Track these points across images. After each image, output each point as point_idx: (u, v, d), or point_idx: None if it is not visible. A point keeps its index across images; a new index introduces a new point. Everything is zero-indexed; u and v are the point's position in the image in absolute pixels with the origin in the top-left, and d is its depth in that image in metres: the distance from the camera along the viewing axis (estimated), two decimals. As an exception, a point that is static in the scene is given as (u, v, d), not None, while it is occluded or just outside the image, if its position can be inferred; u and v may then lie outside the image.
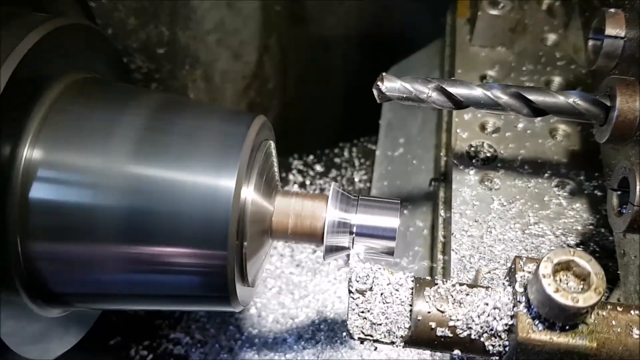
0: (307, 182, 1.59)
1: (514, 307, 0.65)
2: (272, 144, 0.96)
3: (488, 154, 1.12)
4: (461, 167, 1.10)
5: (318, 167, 1.62)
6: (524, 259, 0.66)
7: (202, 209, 0.79)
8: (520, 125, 1.15)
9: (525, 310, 0.64)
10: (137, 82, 1.34)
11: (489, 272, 0.90)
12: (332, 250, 0.89)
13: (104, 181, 0.80)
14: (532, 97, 0.89)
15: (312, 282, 1.39)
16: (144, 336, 1.35)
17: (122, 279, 0.85)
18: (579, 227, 1.02)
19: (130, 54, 1.29)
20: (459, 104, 0.91)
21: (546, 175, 1.08)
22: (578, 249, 0.63)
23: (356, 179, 1.59)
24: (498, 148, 1.12)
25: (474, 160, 1.11)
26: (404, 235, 1.28)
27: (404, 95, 0.91)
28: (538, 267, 0.61)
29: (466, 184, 1.08)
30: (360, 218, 0.88)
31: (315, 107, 1.88)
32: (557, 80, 1.23)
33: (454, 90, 0.91)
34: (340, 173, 1.62)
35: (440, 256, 1.09)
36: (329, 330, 1.28)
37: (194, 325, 1.37)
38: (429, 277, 0.71)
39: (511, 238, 1.00)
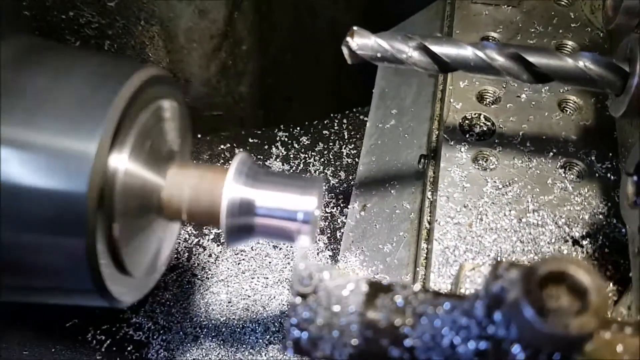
0: (291, 156, 1.45)
1: (487, 327, 0.50)
2: (173, 105, 0.79)
3: (484, 128, 0.96)
4: (452, 143, 0.94)
5: (304, 140, 1.47)
6: (507, 263, 0.51)
7: (53, 182, 0.63)
8: (524, 96, 0.99)
9: (502, 333, 0.49)
10: (89, 38, 1.19)
11: (473, 268, 0.75)
12: (234, 233, 0.73)
13: None
14: (533, 59, 0.74)
15: (289, 267, 1.26)
16: (103, 320, 1.23)
17: None
18: (586, 216, 0.86)
19: (77, 7, 1.14)
20: (445, 65, 0.76)
21: (551, 154, 0.92)
22: (574, 256, 0.48)
23: (344, 153, 1.44)
24: (496, 121, 0.97)
25: (467, 135, 0.96)
26: (390, 219, 1.13)
27: (379, 55, 0.76)
28: (521, 278, 0.46)
29: (456, 163, 0.92)
30: (268, 197, 0.72)
31: (302, 74, 1.70)
32: (570, 44, 1.07)
33: (439, 49, 0.76)
34: (328, 146, 1.46)
35: (424, 245, 0.94)
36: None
37: (159, 309, 1.25)
38: (387, 281, 0.56)
39: (505, 227, 0.85)
